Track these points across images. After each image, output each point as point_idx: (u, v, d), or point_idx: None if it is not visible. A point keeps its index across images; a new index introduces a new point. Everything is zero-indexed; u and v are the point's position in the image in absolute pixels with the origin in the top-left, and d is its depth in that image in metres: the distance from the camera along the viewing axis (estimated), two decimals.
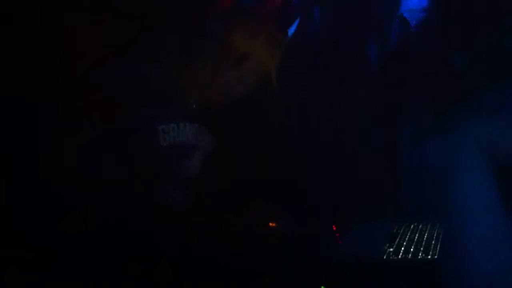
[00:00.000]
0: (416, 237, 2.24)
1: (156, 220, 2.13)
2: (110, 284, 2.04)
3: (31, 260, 1.97)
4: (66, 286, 2.00)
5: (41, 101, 2.02)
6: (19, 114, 2.00)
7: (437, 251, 2.11)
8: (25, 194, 2.00)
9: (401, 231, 2.32)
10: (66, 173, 2.03)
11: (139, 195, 2.13)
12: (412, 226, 2.36)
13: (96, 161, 2.08)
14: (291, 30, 2.62)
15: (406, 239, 2.24)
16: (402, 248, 2.18)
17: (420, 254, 2.12)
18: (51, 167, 2.01)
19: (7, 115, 1.99)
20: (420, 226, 2.34)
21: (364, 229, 2.43)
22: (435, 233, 2.26)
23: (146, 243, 2.10)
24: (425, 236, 2.24)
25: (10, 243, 1.97)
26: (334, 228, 2.40)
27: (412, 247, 2.18)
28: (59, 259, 2.00)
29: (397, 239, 2.25)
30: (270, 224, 2.51)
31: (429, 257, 2.09)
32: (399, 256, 2.14)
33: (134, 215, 2.09)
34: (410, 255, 2.14)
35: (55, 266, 1.99)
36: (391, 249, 2.18)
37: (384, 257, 2.15)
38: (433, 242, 2.18)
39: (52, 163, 2.02)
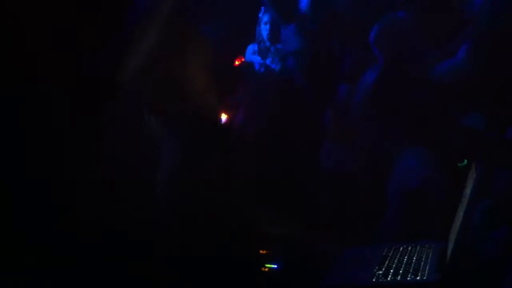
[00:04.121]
0: (405, 259, 2.32)
1: (156, 220, 2.16)
2: (110, 285, 2.07)
3: (31, 260, 2.00)
4: (66, 286, 2.02)
5: (40, 101, 2.07)
6: (19, 115, 2.04)
7: (426, 272, 2.18)
8: (25, 194, 2.02)
9: (390, 254, 2.39)
10: (66, 173, 2.06)
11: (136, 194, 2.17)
12: (401, 248, 2.44)
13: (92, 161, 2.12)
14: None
15: (395, 261, 2.31)
16: (391, 270, 2.24)
17: (409, 275, 2.19)
18: (52, 167, 2.05)
19: (7, 115, 2.04)
20: (409, 248, 2.42)
21: (354, 253, 2.51)
22: (424, 254, 2.33)
23: (146, 243, 2.13)
24: (414, 258, 2.32)
25: (10, 243, 2.00)
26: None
27: (401, 269, 2.24)
28: (59, 259, 2.02)
29: (386, 262, 2.32)
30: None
31: (418, 278, 2.16)
32: (388, 278, 2.20)
33: (133, 215, 2.13)
34: (399, 277, 2.20)
35: (55, 266, 2.02)
36: (380, 272, 2.25)
37: (374, 279, 2.21)
38: (421, 263, 2.26)
39: (52, 163, 2.05)
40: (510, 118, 3.49)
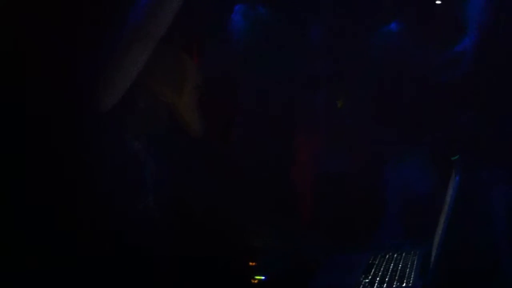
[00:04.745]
0: (391, 267, 2.33)
1: (155, 220, 2.19)
2: (110, 285, 2.09)
3: (31, 260, 2.01)
4: (66, 286, 2.03)
5: (38, 101, 2.08)
6: (19, 114, 2.06)
7: (411, 279, 2.20)
8: (25, 194, 2.04)
9: (377, 262, 2.40)
10: (66, 173, 2.08)
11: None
12: (387, 256, 2.45)
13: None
14: None
15: (381, 269, 2.33)
16: (377, 279, 2.25)
17: (394, 283, 2.20)
18: (52, 167, 2.06)
19: (7, 115, 2.05)
20: (395, 256, 2.43)
21: (341, 262, 2.52)
22: (409, 261, 2.35)
23: (145, 243, 2.15)
24: (400, 265, 2.33)
25: (10, 243, 1.99)
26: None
27: (387, 276, 2.26)
28: (59, 259, 2.03)
29: (373, 270, 2.33)
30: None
31: (404, 285, 2.17)
32: (374, 287, 2.21)
33: (133, 215, 2.15)
34: (385, 285, 2.21)
35: (55, 266, 2.03)
36: (367, 280, 2.26)
37: None
38: (407, 270, 2.27)
39: (52, 163, 2.07)
40: (509, 118, 3.48)
